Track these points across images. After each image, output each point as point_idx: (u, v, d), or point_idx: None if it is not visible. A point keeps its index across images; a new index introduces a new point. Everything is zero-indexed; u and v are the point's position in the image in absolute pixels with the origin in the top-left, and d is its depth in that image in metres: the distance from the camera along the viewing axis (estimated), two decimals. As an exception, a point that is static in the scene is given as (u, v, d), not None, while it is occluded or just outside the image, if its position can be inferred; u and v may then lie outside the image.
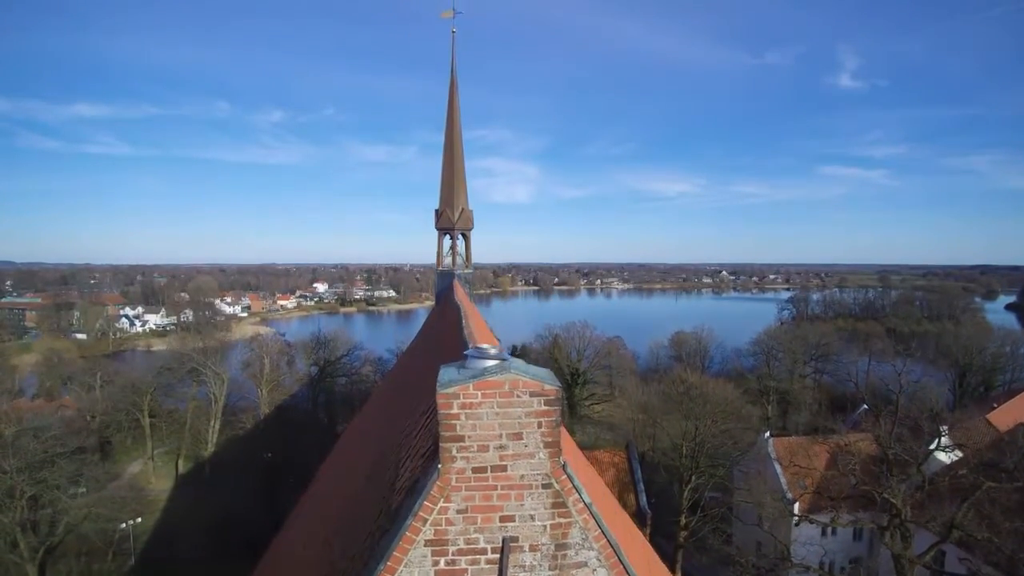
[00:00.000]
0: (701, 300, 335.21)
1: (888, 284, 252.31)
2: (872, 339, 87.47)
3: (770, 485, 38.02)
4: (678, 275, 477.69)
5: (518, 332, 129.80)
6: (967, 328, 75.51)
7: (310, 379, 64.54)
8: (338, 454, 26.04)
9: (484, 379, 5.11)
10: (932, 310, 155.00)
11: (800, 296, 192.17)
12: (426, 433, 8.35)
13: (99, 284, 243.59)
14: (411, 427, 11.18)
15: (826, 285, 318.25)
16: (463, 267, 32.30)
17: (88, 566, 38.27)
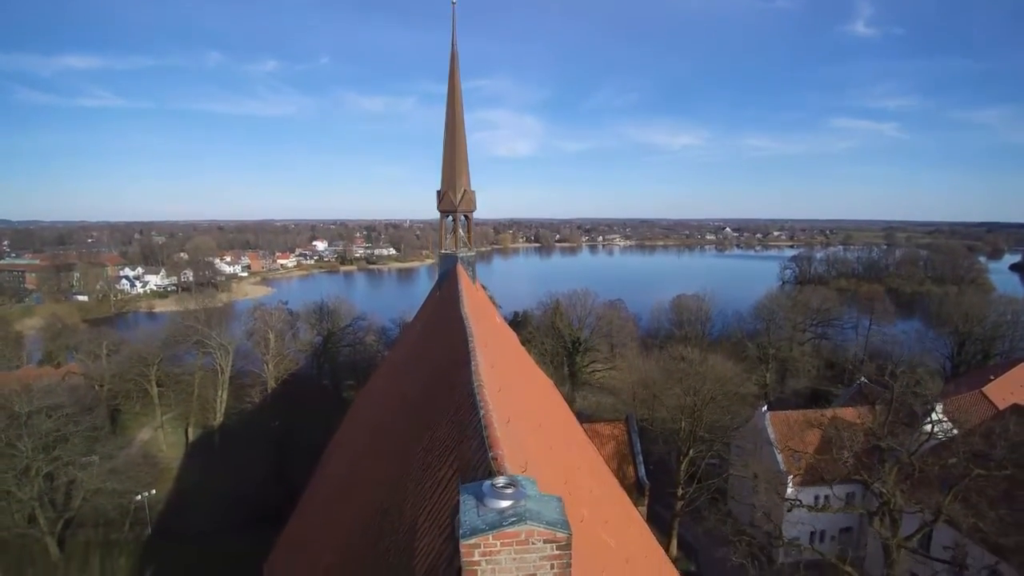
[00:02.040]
0: (704, 258, 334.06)
1: (893, 241, 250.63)
2: (874, 302, 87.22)
3: (766, 464, 38.74)
4: (681, 232, 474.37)
5: (520, 296, 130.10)
6: (968, 296, 75.09)
7: (314, 349, 65.00)
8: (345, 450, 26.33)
9: (503, 531, 5.29)
10: (936, 270, 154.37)
11: (803, 255, 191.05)
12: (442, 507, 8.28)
13: (97, 243, 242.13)
14: (421, 468, 11.14)
15: (830, 242, 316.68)
16: (465, 250, 31.96)
17: (106, 536, 39.58)
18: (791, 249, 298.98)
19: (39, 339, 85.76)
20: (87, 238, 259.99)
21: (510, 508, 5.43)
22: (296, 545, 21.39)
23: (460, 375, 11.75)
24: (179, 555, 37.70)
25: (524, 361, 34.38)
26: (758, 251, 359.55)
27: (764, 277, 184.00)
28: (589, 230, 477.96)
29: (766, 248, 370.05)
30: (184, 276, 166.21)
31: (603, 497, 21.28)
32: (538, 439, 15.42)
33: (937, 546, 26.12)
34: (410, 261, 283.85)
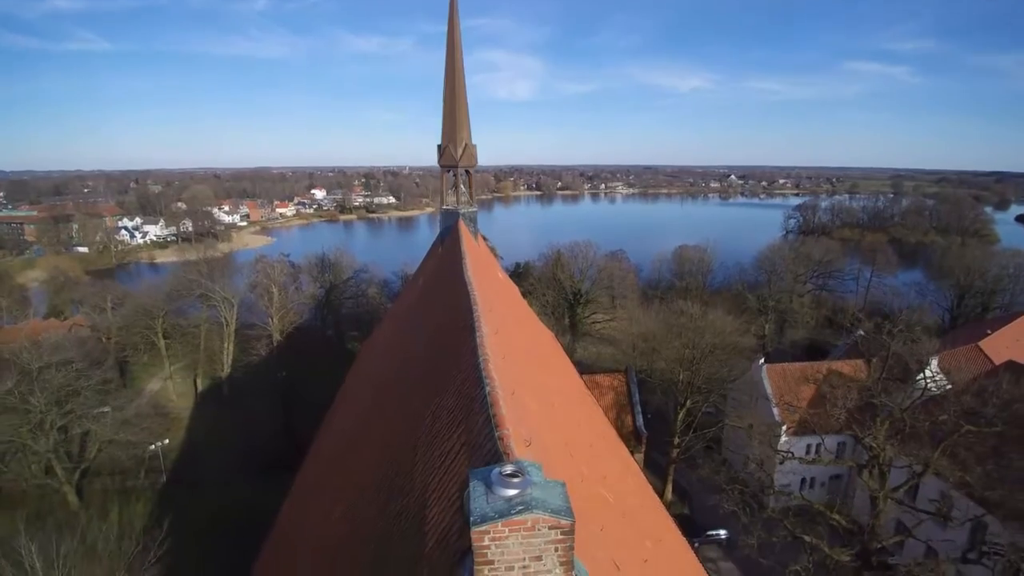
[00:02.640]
0: (707, 206, 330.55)
1: (900, 190, 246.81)
2: (877, 253, 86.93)
3: (761, 416, 39.67)
4: (685, 179, 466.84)
5: (521, 246, 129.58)
6: (971, 249, 74.65)
7: (317, 302, 65.44)
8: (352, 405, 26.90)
9: (511, 518, 5.52)
10: (941, 221, 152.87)
11: (808, 204, 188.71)
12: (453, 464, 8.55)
13: (93, 193, 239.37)
14: (428, 435, 11.43)
15: (836, 191, 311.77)
16: (467, 206, 31.60)
17: (122, 484, 41.17)
18: (796, 198, 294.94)
19: (43, 292, 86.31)
20: (83, 188, 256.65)
21: (517, 496, 5.66)
22: (306, 497, 22.24)
23: (465, 344, 11.84)
24: (194, 501, 39.27)
25: (526, 317, 34.65)
26: (763, 199, 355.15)
27: (768, 226, 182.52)
28: (591, 177, 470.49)
29: (771, 196, 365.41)
30: (183, 226, 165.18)
31: (602, 451, 21.95)
32: (540, 400, 15.74)
33: (923, 498, 27.16)
34: (410, 210, 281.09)
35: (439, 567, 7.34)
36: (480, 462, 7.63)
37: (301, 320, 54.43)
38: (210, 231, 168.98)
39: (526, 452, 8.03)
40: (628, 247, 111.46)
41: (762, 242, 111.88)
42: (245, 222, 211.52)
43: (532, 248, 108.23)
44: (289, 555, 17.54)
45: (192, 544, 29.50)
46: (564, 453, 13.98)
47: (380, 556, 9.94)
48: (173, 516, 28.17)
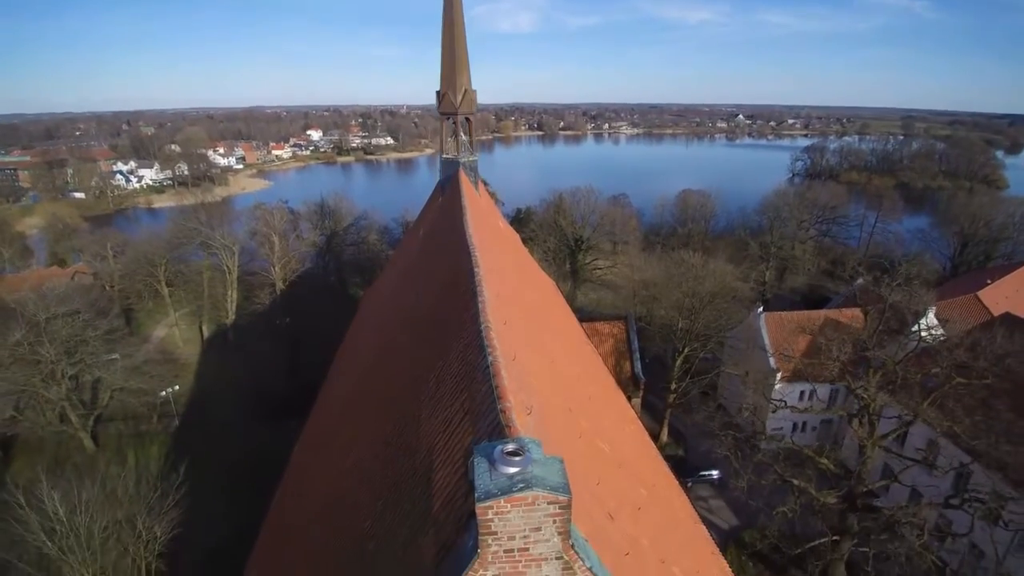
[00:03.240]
0: (713, 148, 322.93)
1: (911, 132, 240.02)
2: (883, 199, 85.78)
3: (757, 363, 40.41)
4: (691, 119, 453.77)
5: (522, 188, 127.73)
6: (978, 197, 73.29)
7: (318, 249, 65.31)
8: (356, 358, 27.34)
9: (512, 495, 5.82)
10: (951, 165, 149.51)
11: (817, 146, 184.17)
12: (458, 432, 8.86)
13: (85, 136, 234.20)
14: (433, 398, 11.73)
15: (846, 131, 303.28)
16: (468, 155, 30.94)
17: (136, 428, 42.57)
18: (805, 139, 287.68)
19: (42, 239, 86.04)
20: (75, 131, 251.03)
21: (518, 474, 5.94)
22: (317, 445, 23.06)
23: (468, 310, 11.93)
24: (208, 445, 40.69)
25: (526, 268, 34.67)
26: (770, 140, 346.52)
27: (774, 169, 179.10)
28: (595, 116, 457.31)
29: (779, 137, 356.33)
30: (179, 170, 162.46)
31: (600, 402, 22.58)
32: (541, 358, 16.03)
33: (911, 445, 28.10)
34: (409, 151, 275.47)
35: (446, 527, 7.76)
36: (483, 431, 7.90)
37: (303, 268, 54.47)
38: (206, 175, 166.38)
39: (527, 421, 8.28)
40: (631, 190, 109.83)
41: (768, 186, 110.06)
42: (241, 165, 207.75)
43: (533, 192, 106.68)
44: (302, 502, 18.39)
45: (208, 488, 30.79)
46: (564, 409, 14.39)
47: (389, 511, 10.44)
48: (188, 460, 29.23)
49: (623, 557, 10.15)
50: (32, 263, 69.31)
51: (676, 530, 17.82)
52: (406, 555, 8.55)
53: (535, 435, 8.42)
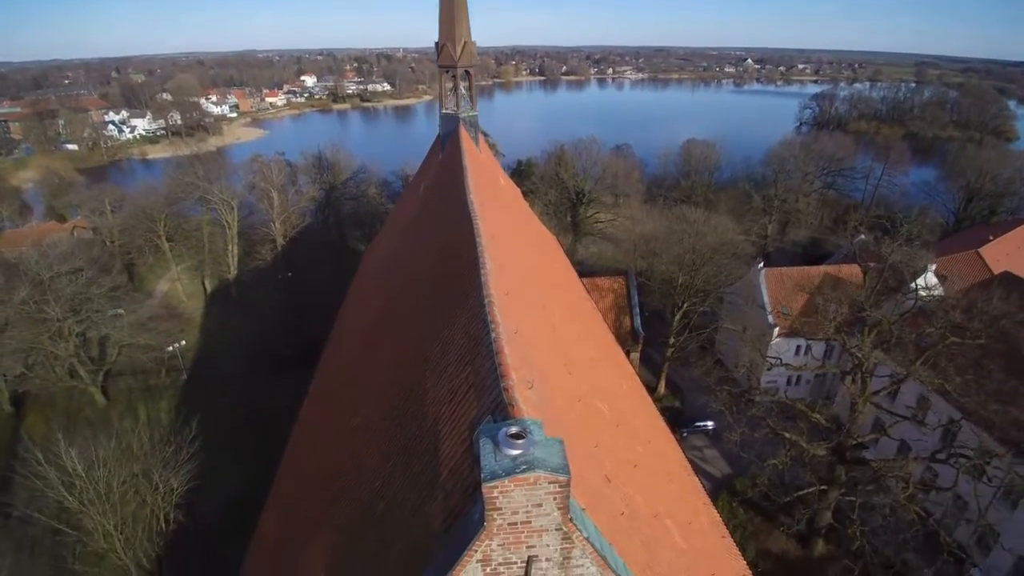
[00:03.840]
0: (720, 94, 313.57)
1: (923, 79, 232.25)
2: (891, 151, 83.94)
3: (755, 320, 40.80)
4: (698, 63, 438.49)
5: (523, 137, 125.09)
6: (986, 151, 71.56)
7: (318, 203, 64.75)
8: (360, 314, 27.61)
9: (516, 476, 6.18)
10: (962, 115, 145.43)
11: (826, 93, 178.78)
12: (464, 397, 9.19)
13: (74, 85, 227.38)
14: (438, 367, 12.02)
15: (857, 78, 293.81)
16: (468, 110, 30.19)
17: (146, 382, 43.53)
18: (815, 85, 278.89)
19: (38, 193, 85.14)
20: (63, 79, 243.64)
21: (521, 456, 6.29)
22: (325, 401, 23.72)
23: (470, 281, 12.04)
24: (217, 398, 41.74)
25: (528, 225, 34.52)
26: (779, 86, 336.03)
27: (782, 117, 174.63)
28: (598, 60, 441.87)
29: (788, 83, 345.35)
30: (172, 119, 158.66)
31: (600, 361, 23.06)
32: (542, 325, 16.27)
33: (902, 401, 28.79)
34: (406, 98, 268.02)
35: (453, 496, 8.21)
36: (487, 407, 8.20)
37: (303, 223, 54.19)
38: (200, 124, 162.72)
39: (528, 395, 8.56)
40: (634, 139, 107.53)
41: (774, 135, 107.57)
42: (235, 113, 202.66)
43: (534, 142, 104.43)
44: (313, 458, 19.10)
45: (220, 440, 31.81)
46: (564, 375, 14.76)
47: (398, 474, 10.93)
48: (198, 414, 30.08)
49: (619, 517, 10.71)
50: (32, 221, 68.86)
51: (670, 483, 18.63)
52: (415, 518, 9.04)
53: (536, 407, 8.73)
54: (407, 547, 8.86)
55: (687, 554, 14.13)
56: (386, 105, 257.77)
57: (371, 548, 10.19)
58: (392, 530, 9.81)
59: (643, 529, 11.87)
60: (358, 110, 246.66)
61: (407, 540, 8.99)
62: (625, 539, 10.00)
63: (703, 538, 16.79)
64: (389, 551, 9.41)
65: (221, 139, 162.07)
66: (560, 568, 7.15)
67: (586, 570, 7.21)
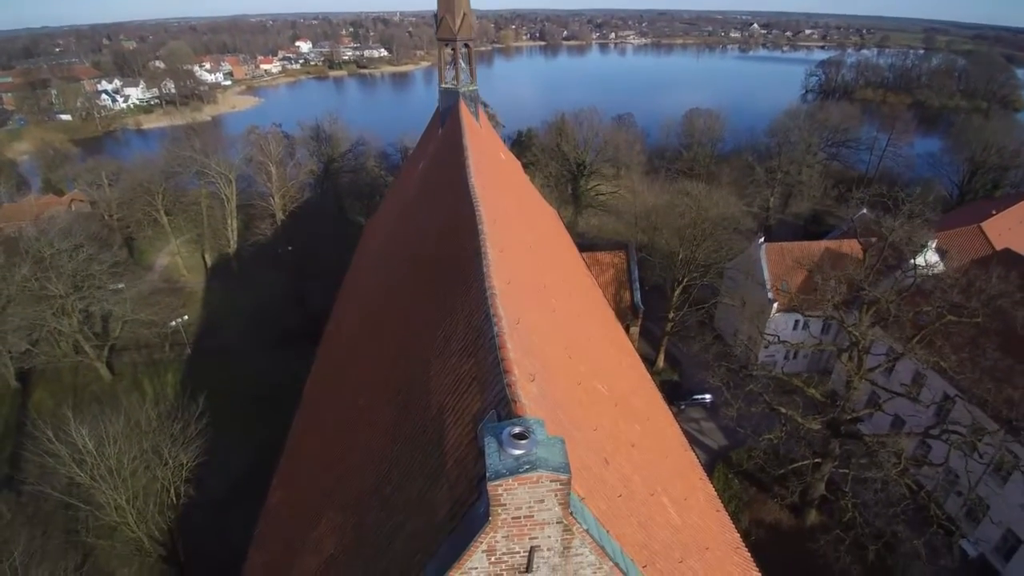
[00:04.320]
0: (725, 60, 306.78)
1: (932, 45, 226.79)
2: (897, 121, 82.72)
3: (754, 296, 40.96)
4: (703, 27, 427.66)
5: (523, 109, 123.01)
6: (992, 122, 70.42)
7: (316, 176, 64.21)
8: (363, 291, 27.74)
9: (520, 475, 6.43)
10: (970, 83, 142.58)
11: (833, 60, 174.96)
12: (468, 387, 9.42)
13: (66, 52, 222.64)
14: (441, 356, 12.21)
15: (865, 44, 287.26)
16: (468, 84, 29.72)
17: (150, 357, 43.99)
18: (822, 51, 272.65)
19: (34, 166, 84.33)
20: (54, 47, 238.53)
21: (525, 456, 6.55)
22: (330, 378, 24.08)
23: (473, 268, 12.12)
24: (220, 370, 42.29)
25: (528, 202, 34.36)
26: (785, 51, 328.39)
27: (787, 84, 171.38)
28: (600, 25, 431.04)
29: (795, 48, 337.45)
30: (165, 87, 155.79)
31: (600, 340, 23.32)
32: (543, 310, 16.41)
33: (897, 377, 29.12)
34: (404, 64, 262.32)
35: (458, 486, 8.51)
36: (490, 401, 8.42)
37: (302, 197, 53.85)
38: (194, 92, 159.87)
39: (530, 389, 8.78)
40: (637, 108, 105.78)
41: (779, 103, 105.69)
42: (229, 81, 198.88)
43: (535, 110, 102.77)
44: (319, 437, 19.52)
45: (226, 415, 32.32)
46: (564, 357, 14.98)
47: (404, 459, 11.24)
48: (204, 388, 30.49)
49: (616, 499, 11.07)
50: (30, 195, 68.41)
51: (666, 459, 19.08)
52: (421, 504, 9.36)
53: (538, 401, 8.96)
54: (414, 531, 9.21)
55: (682, 530, 14.60)
56: (383, 72, 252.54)
57: (379, 530, 10.56)
58: (399, 514, 10.15)
59: (640, 509, 12.25)
60: (355, 77, 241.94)
61: (414, 525, 9.33)
62: (623, 521, 10.37)
63: (698, 513, 17.30)
64: (397, 534, 9.77)
65: (216, 108, 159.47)
66: (561, 556, 7.52)
67: (585, 558, 7.58)
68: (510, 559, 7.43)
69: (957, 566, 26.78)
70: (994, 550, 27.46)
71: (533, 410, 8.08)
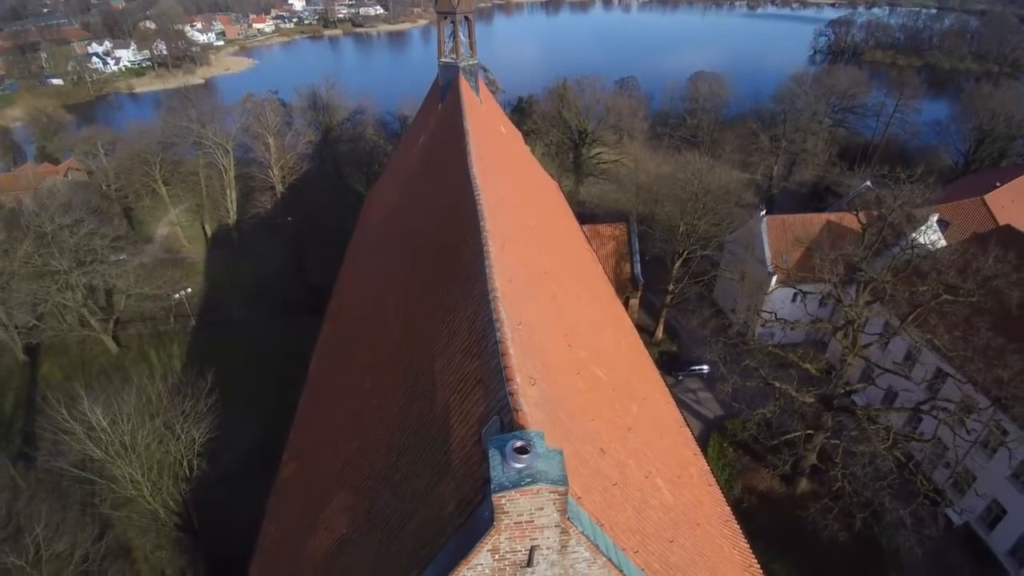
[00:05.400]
0: (732, 17, 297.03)
1: (945, 4, 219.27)
2: (905, 86, 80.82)
3: (754, 272, 41.18)
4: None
5: (524, 71, 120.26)
6: (1002, 90, 68.76)
7: (315, 145, 63.46)
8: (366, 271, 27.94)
9: (521, 488, 6.85)
10: (982, 46, 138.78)
11: (842, 20, 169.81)
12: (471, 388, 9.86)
13: (54, 13, 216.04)
14: (445, 353, 12.57)
15: (876, 2, 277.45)
16: (468, 58, 29.16)
17: (155, 328, 44.61)
18: (832, 8, 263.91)
19: (27, 133, 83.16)
20: (41, 8, 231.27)
21: (526, 470, 7.03)
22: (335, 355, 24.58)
23: (474, 268, 12.35)
24: (226, 341, 42.98)
25: (529, 177, 34.21)
26: (795, 8, 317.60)
27: (795, 45, 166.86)
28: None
29: (804, 6, 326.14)
30: (157, 49, 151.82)
31: (599, 321, 23.71)
32: (544, 297, 16.71)
33: (892, 351, 29.62)
34: (401, 23, 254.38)
35: (464, 485, 9.03)
36: (494, 405, 8.84)
37: (301, 168, 53.42)
38: (186, 54, 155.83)
39: (531, 393, 9.18)
40: (641, 69, 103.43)
41: (786, 64, 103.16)
42: (221, 41, 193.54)
43: (536, 72, 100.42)
44: (327, 416, 20.12)
45: (235, 388, 33.08)
46: (564, 347, 15.38)
47: (411, 451, 11.76)
48: (211, 362, 31.07)
49: (611, 488, 11.64)
50: (26, 166, 67.73)
51: (661, 439, 19.74)
52: (430, 497, 9.90)
53: (538, 405, 9.37)
54: (422, 523, 9.77)
55: (674, 509, 15.31)
56: (380, 31, 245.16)
57: (390, 517, 11.16)
58: (408, 503, 10.72)
59: (634, 494, 12.87)
60: (350, 36, 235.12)
61: (422, 516, 9.89)
62: (617, 510, 10.96)
63: (691, 490, 18.05)
64: (406, 523, 10.35)
65: (209, 70, 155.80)
66: (559, 554, 8.11)
67: (580, 555, 8.17)
68: (512, 556, 8.00)
69: (942, 535, 27.97)
70: (979, 519, 28.59)
71: (534, 416, 8.50)
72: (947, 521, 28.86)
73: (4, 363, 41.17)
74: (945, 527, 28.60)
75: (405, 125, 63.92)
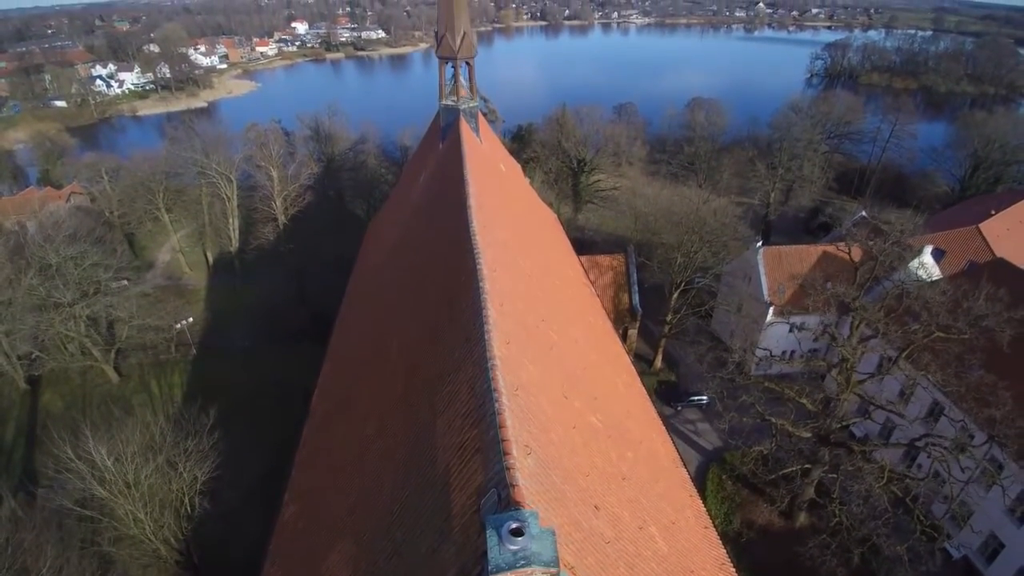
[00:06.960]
0: (729, 40, 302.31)
1: (941, 25, 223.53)
2: (901, 111, 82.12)
3: (751, 304, 41.58)
4: (707, 6, 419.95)
5: (524, 96, 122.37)
6: (996, 118, 70.05)
7: (317, 176, 64.45)
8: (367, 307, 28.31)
9: (516, 570, 7.18)
10: (977, 68, 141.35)
11: (839, 43, 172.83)
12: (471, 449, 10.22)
13: (58, 35, 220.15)
14: (446, 416, 12.95)
15: (873, 24, 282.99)
16: (468, 100, 29.95)
17: (156, 357, 44.80)
18: (829, 31, 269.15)
19: (30, 155, 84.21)
20: (46, 29, 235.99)
21: (520, 551, 7.36)
22: (338, 404, 24.86)
23: (474, 330, 12.80)
24: (226, 370, 43.10)
25: (528, 213, 34.79)
26: (792, 32, 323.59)
27: (792, 68, 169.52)
28: (603, 4, 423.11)
29: (801, 29, 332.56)
30: (160, 72, 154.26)
31: (597, 362, 24.01)
32: (541, 348, 17.10)
33: (887, 386, 29.83)
34: (402, 46, 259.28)
35: (464, 552, 9.31)
36: (492, 478, 9.21)
37: (304, 200, 54.24)
38: (189, 77, 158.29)
39: (527, 464, 9.58)
40: (639, 93, 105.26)
41: (784, 89, 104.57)
42: (224, 64, 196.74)
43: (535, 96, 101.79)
44: (328, 459, 20.36)
45: (236, 419, 33.22)
46: (560, 399, 15.73)
47: (412, 510, 12.07)
48: (213, 393, 31.31)
49: (604, 547, 11.92)
50: (30, 190, 68.54)
51: (657, 484, 19.93)
52: (431, 562, 10.19)
53: (534, 476, 9.74)
54: (422, 587, 10.06)
55: (668, 558, 15.49)
56: (381, 54, 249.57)
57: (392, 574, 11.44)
58: (410, 563, 11.00)
59: (627, 548, 13.11)
60: (352, 59, 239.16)
61: (422, 579, 10.18)
62: (611, 570, 11.23)
63: (686, 535, 18.22)
64: (407, 585, 10.64)
65: (212, 92, 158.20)
66: None
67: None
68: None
69: (939, 570, 27.93)
70: (977, 552, 28.60)
71: (529, 489, 8.87)
72: (946, 555, 28.89)
73: (6, 392, 41.39)
74: (944, 561, 28.63)
75: (406, 155, 64.94)
